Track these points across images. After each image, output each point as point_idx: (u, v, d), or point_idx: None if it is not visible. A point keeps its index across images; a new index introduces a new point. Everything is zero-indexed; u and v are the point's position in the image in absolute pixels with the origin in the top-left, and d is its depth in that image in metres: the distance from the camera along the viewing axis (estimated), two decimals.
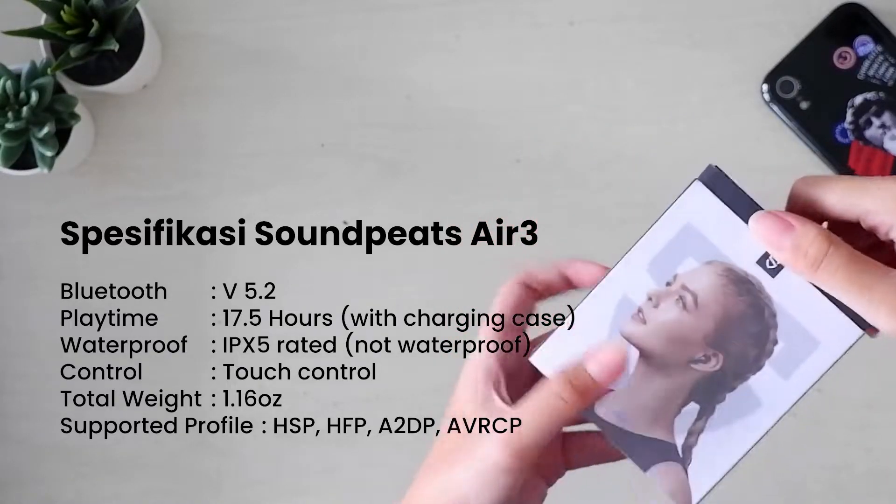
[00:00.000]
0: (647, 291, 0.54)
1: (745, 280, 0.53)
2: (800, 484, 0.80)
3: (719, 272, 0.53)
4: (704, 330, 0.53)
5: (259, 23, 0.83)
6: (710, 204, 0.53)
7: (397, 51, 0.82)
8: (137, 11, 0.77)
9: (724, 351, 0.53)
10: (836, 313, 0.51)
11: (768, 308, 0.53)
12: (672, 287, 0.54)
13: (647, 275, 0.54)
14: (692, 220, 0.53)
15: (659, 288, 0.54)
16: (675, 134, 0.81)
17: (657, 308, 0.54)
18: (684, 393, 0.54)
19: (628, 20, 0.82)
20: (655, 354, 0.54)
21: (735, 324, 0.53)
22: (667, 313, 0.54)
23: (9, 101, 0.74)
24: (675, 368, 0.54)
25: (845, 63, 0.81)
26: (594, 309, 0.55)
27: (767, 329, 0.53)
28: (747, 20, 0.81)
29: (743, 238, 0.52)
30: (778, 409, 0.53)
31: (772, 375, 0.53)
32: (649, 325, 0.54)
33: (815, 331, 0.52)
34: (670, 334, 0.54)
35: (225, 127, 0.82)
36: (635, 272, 0.54)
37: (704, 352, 0.53)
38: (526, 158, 0.82)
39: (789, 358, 0.53)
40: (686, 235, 0.54)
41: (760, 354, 0.53)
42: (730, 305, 0.53)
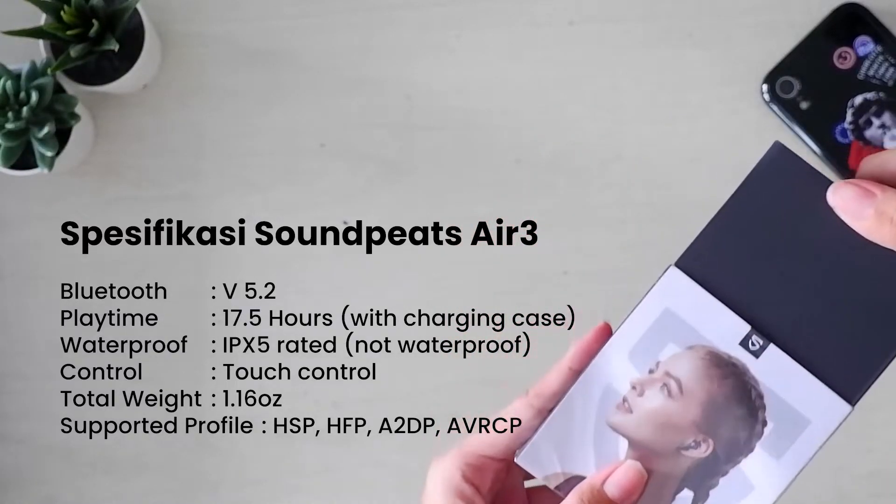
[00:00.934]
0: (630, 380, 0.53)
1: (728, 363, 0.52)
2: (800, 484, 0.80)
3: (702, 356, 0.53)
4: (692, 416, 0.53)
5: (259, 23, 0.83)
6: (687, 288, 0.53)
7: (397, 51, 0.82)
8: (137, 11, 0.77)
9: (714, 435, 0.53)
10: (824, 390, 0.52)
11: (755, 389, 0.52)
12: (655, 374, 0.53)
13: (629, 363, 0.53)
14: (670, 305, 0.53)
15: (642, 376, 0.53)
16: (675, 134, 0.81)
17: (642, 396, 0.53)
18: (676, 480, 0.53)
19: (628, 20, 0.82)
20: (644, 443, 0.53)
21: (722, 408, 0.52)
22: (652, 401, 0.53)
23: (9, 101, 0.74)
24: (666, 456, 0.53)
25: (845, 63, 0.81)
26: (577, 402, 0.53)
27: (756, 411, 0.52)
28: (747, 20, 0.81)
29: (723, 320, 0.52)
30: (772, 492, 0.52)
31: (764, 458, 0.52)
32: (636, 414, 0.53)
33: (804, 409, 0.52)
34: (658, 422, 0.53)
35: (225, 127, 0.82)
36: (617, 361, 0.53)
37: (694, 437, 0.53)
38: (526, 158, 0.82)
39: (780, 439, 0.52)
40: (665, 321, 0.53)
41: (751, 437, 0.52)
42: (715, 389, 0.53)
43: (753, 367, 0.52)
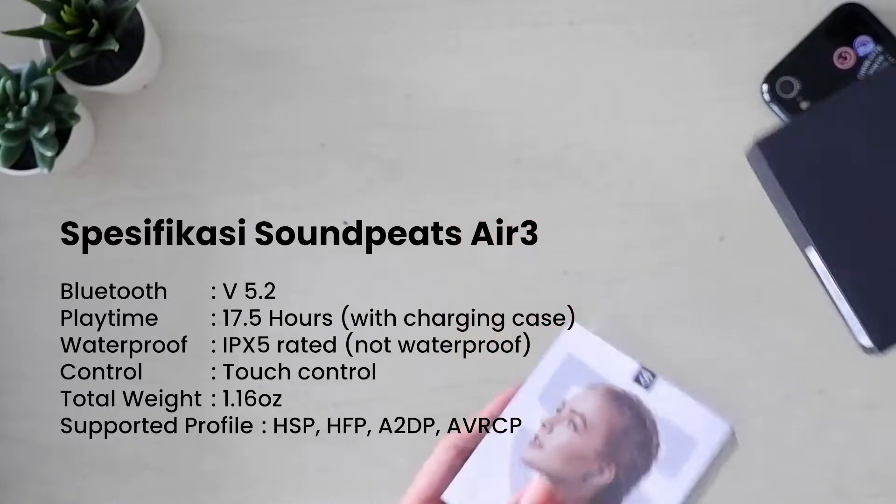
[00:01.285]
0: (540, 419, 0.60)
1: (624, 396, 0.60)
2: (800, 485, 0.80)
3: (601, 393, 0.60)
4: (595, 445, 0.60)
5: (259, 23, 0.83)
6: (586, 336, 0.61)
7: (397, 51, 0.82)
8: (137, 11, 0.77)
9: (615, 461, 0.59)
10: (706, 412, 0.59)
11: (648, 418, 0.60)
12: (562, 413, 0.60)
13: (539, 405, 0.60)
14: (572, 350, 0.61)
15: (550, 415, 0.60)
16: (675, 134, 0.81)
17: (551, 433, 0.60)
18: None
19: (628, 20, 0.82)
20: (555, 475, 0.59)
21: (621, 436, 0.60)
22: (560, 436, 0.60)
23: (9, 101, 0.74)
24: (574, 484, 0.59)
25: (845, 63, 0.81)
26: (495, 441, 0.60)
27: (650, 436, 0.59)
28: (747, 20, 0.81)
29: (617, 361, 0.60)
30: None
31: (659, 477, 0.58)
32: (546, 450, 0.60)
33: (691, 431, 0.59)
34: (566, 454, 0.60)
35: (225, 127, 0.82)
36: (529, 404, 0.60)
37: (598, 464, 0.59)
38: (526, 158, 0.82)
39: (673, 459, 0.59)
40: (568, 366, 0.61)
41: (648, 459, 0.59)
42: (614, 420, 0.60)
43: (645, 399, 0.60)
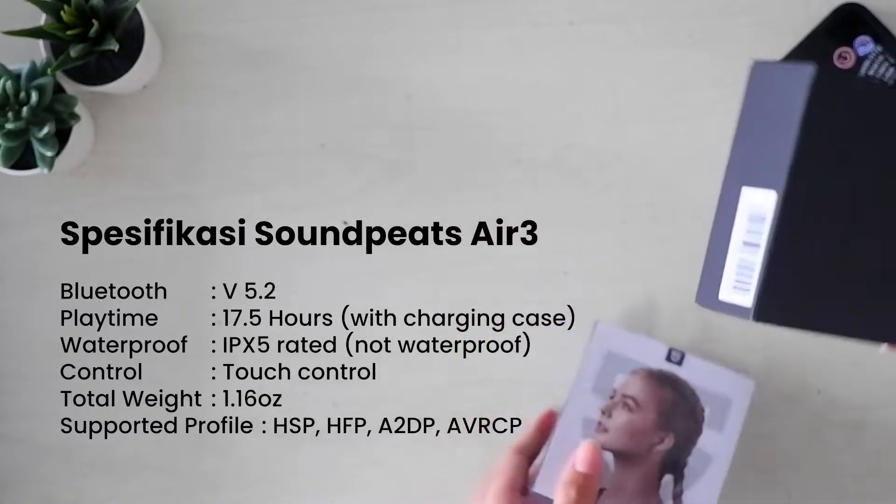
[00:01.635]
0: (599, 407, 0.72)
1: (663, 375, 0.73)
2: (800, 485, 0.80)
3: (644, 376, 0.73)
4: (651, 419, 0.72)
5: (259, 23, 0.83)
6: (616, 332, 0.74)
7: (397, 51, 0.82)
8: (137, 11, 0.77)
9: (672, 429, 0.72)
10: (732, 375, 0.73)
11: (687, 388, 0.73)
12: (615, 399, 0.72)
13: (593, 396, 0.72)
14: (610, 347, 0.73)
15: (606, 402, 0.72)
16: (675, 134, 0.81)
17: (611, 417, 0.72)
18: (656, 470, 0.71)
19: (628, 20, 0.82)
20: (624, 451, 0.71)
21: (670, 408, 0.72)
22: (620, 418, 0.72)
23: (9, 101, 0.74)
24: (642, 456, 0.71)
25: (845, 63, 0.81)
26: (565, 436, 0.72)
27: (694, 403, 0.72)
28: (747, 20, 0.81)
29: (649, 346, 0.73)
30: (725, 457, 0.72)
31: (711, 434, 0.72)
32: (611, 432, 0.72)
33: (724, 392, 0.73)
34: (628, 432, 0.72)
35: (225, 127, 0.82)
36: (585, 398, 0.72)
37: (658, 435, 0.72)
38: (526, 158, 0.82)
39: (717, 417, 0.72)
40: (610, 359, 0.73)
41: (698, 422, 0.72)
42: (661, 396, 0.72)
43: (680, 372, 0.73)
